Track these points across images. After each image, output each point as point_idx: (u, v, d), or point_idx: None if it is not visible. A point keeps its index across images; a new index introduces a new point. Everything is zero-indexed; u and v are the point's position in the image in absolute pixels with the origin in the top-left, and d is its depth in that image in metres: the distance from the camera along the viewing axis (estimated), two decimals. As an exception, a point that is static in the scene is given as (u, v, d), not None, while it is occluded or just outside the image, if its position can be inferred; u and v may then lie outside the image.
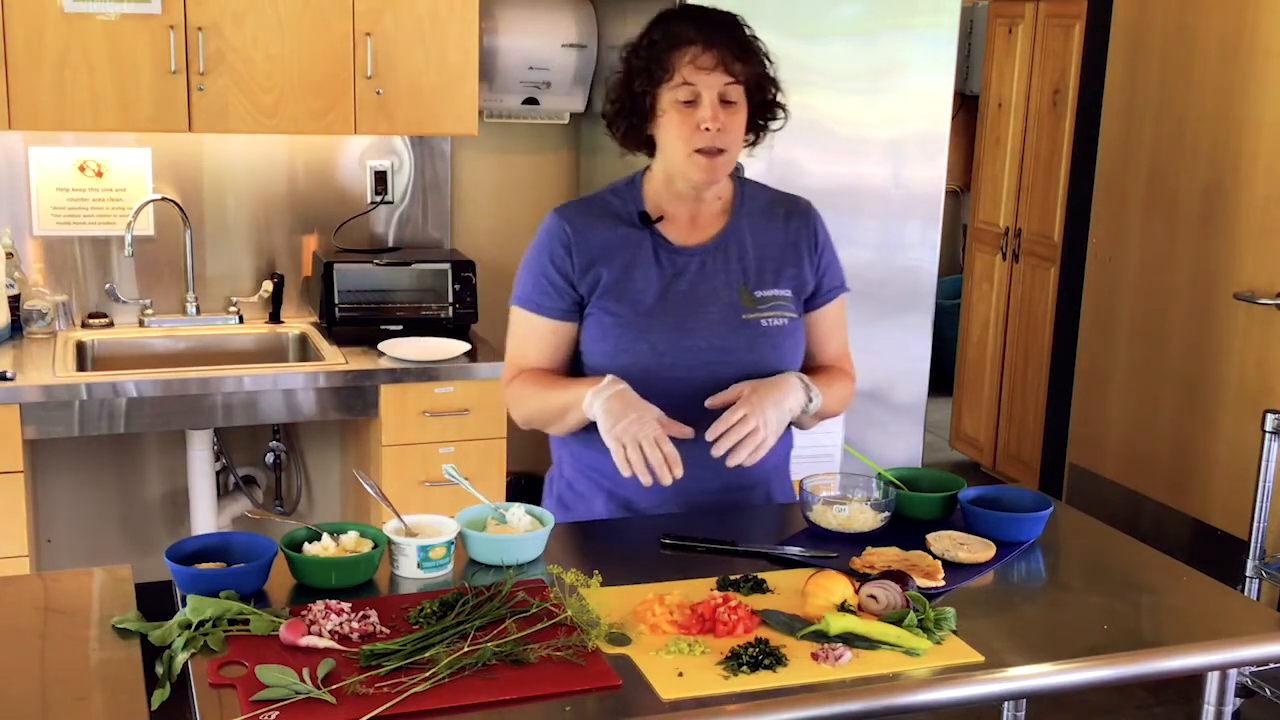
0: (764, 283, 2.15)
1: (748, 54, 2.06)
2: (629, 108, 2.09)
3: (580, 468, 2.20)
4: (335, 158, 3.84)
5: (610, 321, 2.10)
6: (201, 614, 1.61)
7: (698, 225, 2.16)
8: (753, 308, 2.13)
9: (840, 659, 1.59)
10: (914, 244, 3.71)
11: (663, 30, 2.07)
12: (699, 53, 2.01)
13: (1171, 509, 4.39)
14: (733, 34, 2.05)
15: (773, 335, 2.13)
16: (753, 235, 2.17)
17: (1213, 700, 1.84)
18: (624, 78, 2.10)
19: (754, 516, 2.11)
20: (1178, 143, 4.33)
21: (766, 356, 2.12)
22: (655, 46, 2.05)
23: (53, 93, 3.24)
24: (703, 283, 2.13)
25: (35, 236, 3.59)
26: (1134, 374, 4.56)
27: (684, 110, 2.03)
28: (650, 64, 2.05)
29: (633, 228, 2.14)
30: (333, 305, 3.58)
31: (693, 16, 2.07)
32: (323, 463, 4.02)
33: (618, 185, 2.20)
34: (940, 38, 3.62)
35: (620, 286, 2.11)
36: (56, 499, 3.73)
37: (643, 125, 2.10)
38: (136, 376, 3.20)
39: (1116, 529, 2.16)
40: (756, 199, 2.22)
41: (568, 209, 2.19)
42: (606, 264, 2.11)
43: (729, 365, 2.09)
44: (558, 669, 1.54)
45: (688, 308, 2.11)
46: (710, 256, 2.14)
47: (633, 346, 2.09)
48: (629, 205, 2.16)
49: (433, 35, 3.53)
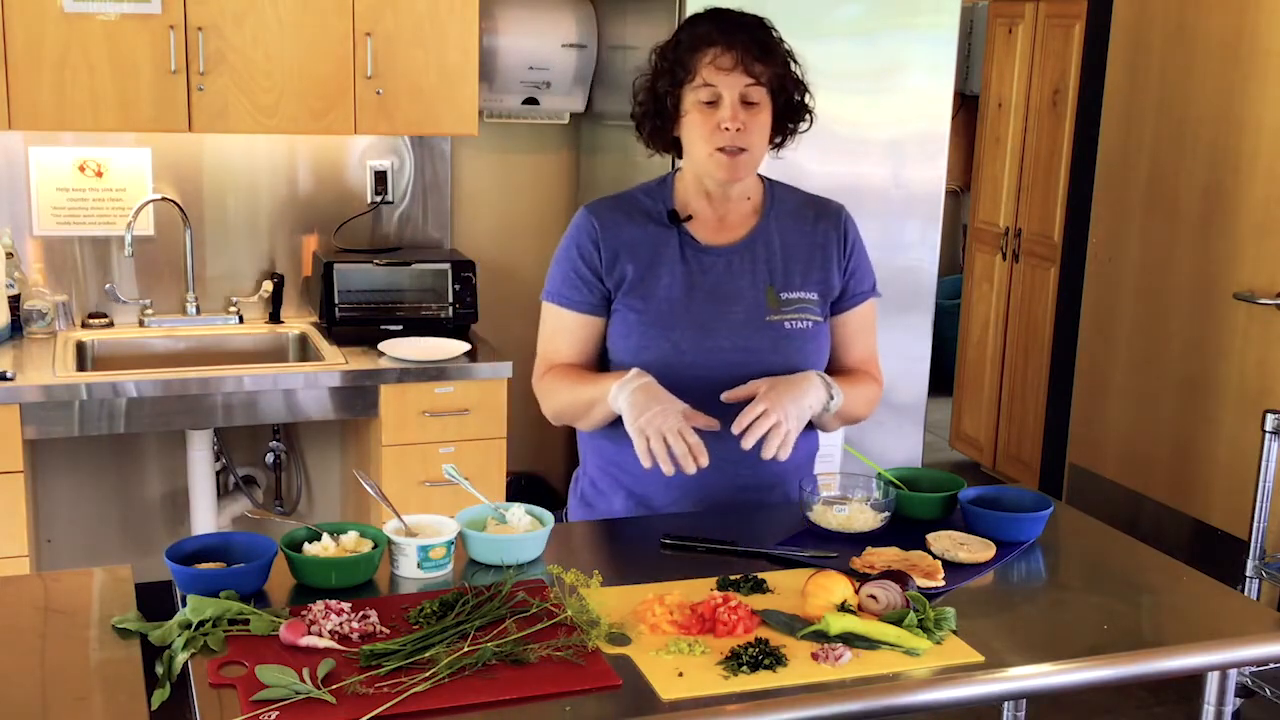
0: (790, 285, 2.16)
1: (769, 55, 2.06)
2: (654, 109, 2.12)
3: (603, 464, 2.21)
4: (335, 158, 3.84)
5: (634, 318, 2.12)
6: (201, 614, 1.61)
7: (726, 225, 2.17)
8: (777, 309, 2.14)
9: (840, 659, 1.59)
10: (914, 244, 3.71)
11: (688, 32, 2.09)
12: (719, 53, 2.03)
13: (1171, 509, 4.39)
14: (754, 35, 2.06)
15: (796, 338, 2.13)
16: (781, 237, 2.18)
17: (1213, 700, 1.84)
18: (650, 80, 2.12)
19: (754, 516, 2.11)
20: (1178, 143, 4.33)
21: (790, 359, 2.12)
22: (679, 48, 2.08)
23: (53, 93, 3.24)
24: (728, 282, 2.14)
25: (35, 236, 3.59)
26: (1134, 374, 4.56)
27: (705, 110, 2.05)
28: (674, 65, 2.07)
29: (661, 226, 2.15)
30: (333, 305, 3.58)
31: (716, 17, 2.08)
32: (323, 463, 4.02)
33: (649, 184, 2.22)
34: (940, 38, 3.62)
35: (645, 283, 2.12)
36: (56, 499, 3.73)
37: (667, 126, 2.12)
38: (136, 376, 3.20)
39: (1116, 529, 2.16)
40: (786, 201, 2.23)
41: (598, 205, 2.20)
42: (633, 260, 2.13)
43: (751, 365, 2.09)
44: (558, 669, 1.54)
45: (711, 307, 2.12)
46: (738, 256, 2.15)
47: (655, 344, 2.10)
48: (658, 203, 2.18)
49: (433, 35, 3.53)
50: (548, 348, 2.20)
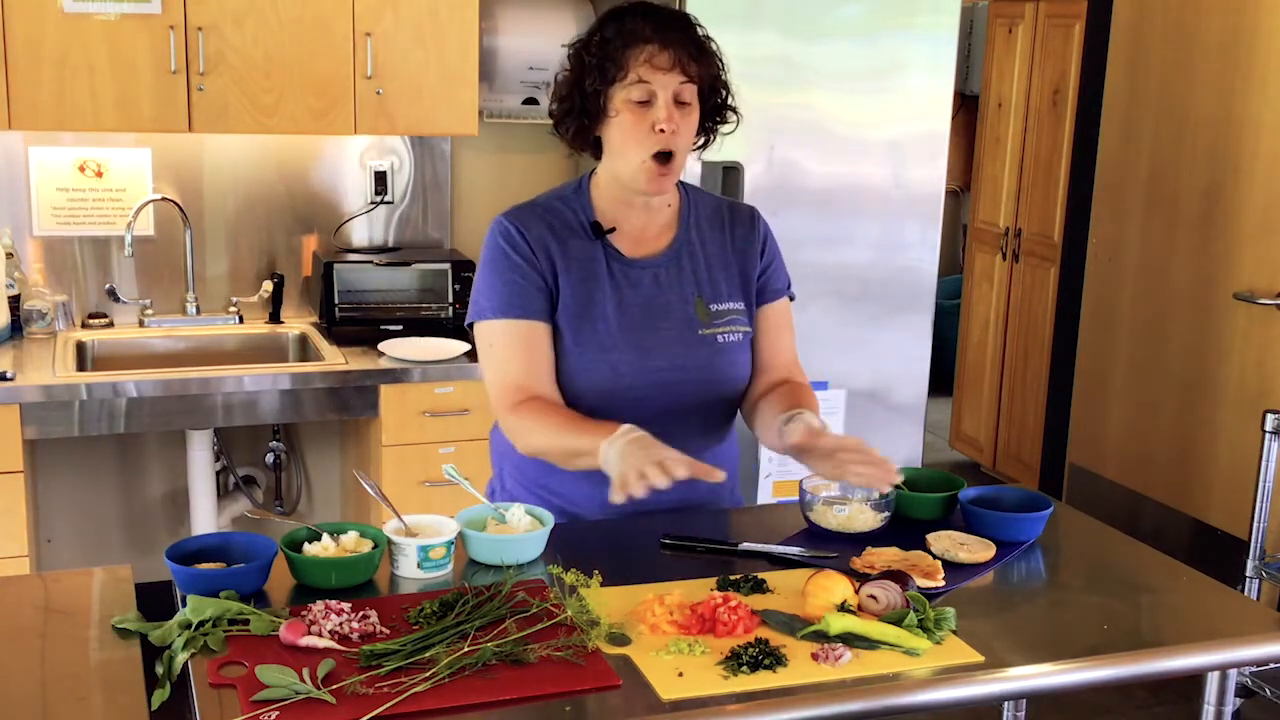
0: (718, 295, 2.11)
1: (704, 55, 2.01)
2: (579, 107, 2.02)
3: (525, 483, 2.14)
4: (335, 158, 3.84)
5: (569, 341, 2.04)
6: (201, 614, 1.61)
7: (648, 235, 2.11)
8: (708, 322, 2.09)
9: (840, 659, 1.59)
10: (914, 244, 3.71)
11: (616, 27, 1.99)
12: (655, 51, 1.96)
13: (1171, 509, 4.39)
14: (689, 34, 2.00)
15: (729, 350, 2.10)
16: (703, 245, 2.13)
17: (1213, 700, 1.84)
18: (574, 75, 2.02)
19: (754, 517, 2.11)
20: (1178, 143, 4.33)
21: (722, 372, 2.09)
22: (609, 44, 1.98)
23: (53, 93, 3.24)
24: (658, 297, 2.08)
25: (35, 236, 3.59)
26: (1134, 374, 4.56)
27: (637, 111, 1.97)
28: (603, 61, 1.97)
29: (584, 239, 2.07)
30: (333, 305, 3.58)
31: (647, 14, 2.00)
32: (323, 463, 4.02)
33: (564, 192, 2.13)
34: (940, 38, 3.62)
35: (578, 303, 2.04)
36: (56, 499, 3.73)
37: (593, 126, 2.03)
38: (136, 376, 3.20)
39: (1116, 529, 2.16)
40: (702, 206, 2.17)
41: (520, 214, 2.10)
42: (565, 276, 2.05)
43: (687, 383, 2.06)
44: (558, 669, 1.54)
45: (644, 325, 2.06)
46: (664, 269, 2.09)
47: (592, 368, 2.04)
48: (578, 214, 2.09)
49: (433, 35, 3.53)
50: (507, 373, 2.03)
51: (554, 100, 2.07)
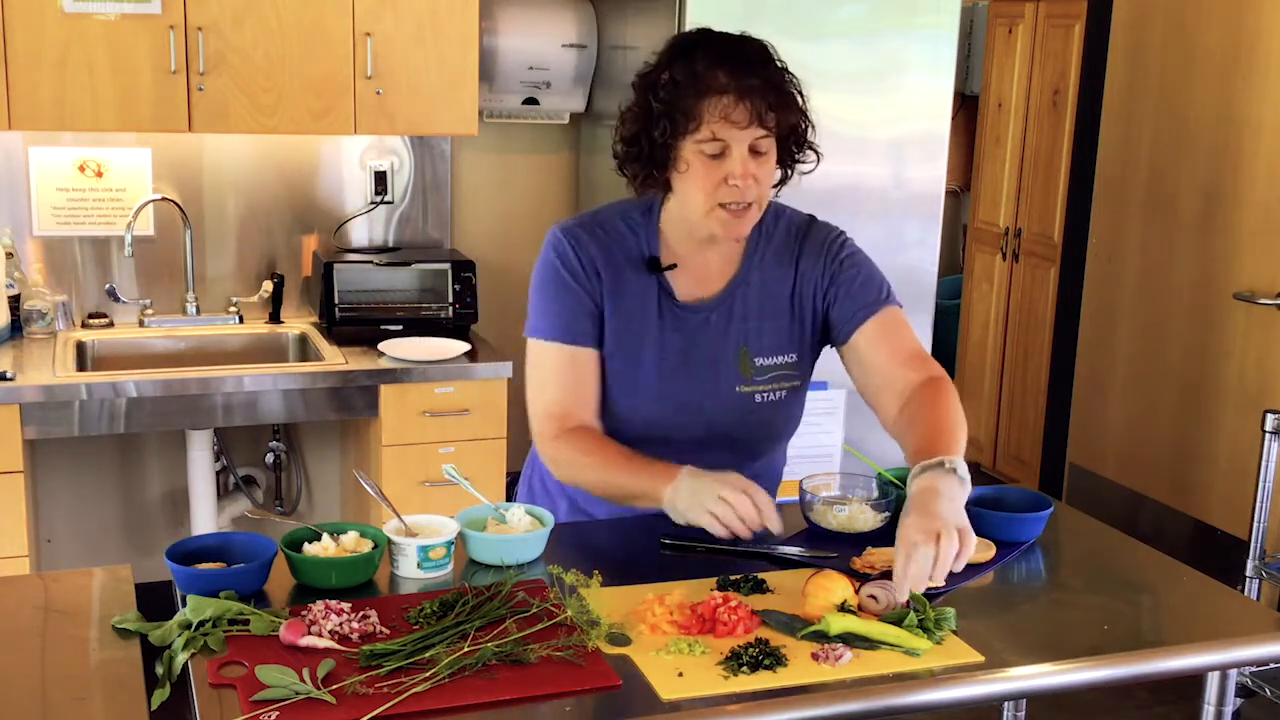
0: (763, 349, 2.02)
1: (783, 101, 1.87)
2: (647, 154, 1.89)
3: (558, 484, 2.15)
4: (335, 158, 3.84)
5: (608, 378, 2.01)
6: (201, 614, 1.61)
7: (709, 273, 2.01)
8: (749, 379, 2.02)
9: (840, 659, 1.58)
10: (914, 244, 3.71)
11: (686, 71, 1.84)
12: (731, 105, 1.82)
13: (1171, 509, 4.39)
14: (768, 78, 1.85)
15: (764, 410, 2.04)
16: (762, 286, 2.02)
17: (1213, 700, 1.84)
18: (641, 121, 1.88)
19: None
20: (1178, 143, 4.33)
21: (752, 431, 2.06)
22: (679, 90, 1.84)
23: (53, 93, 3.24)
24: (703, 346, 2.01)
25: (35, 236, 3.59)
26: (1134, 374, 4.56)
27: (709, 164, 1.85)
28: (673, 111, 1.84)
29: (640, 271, 1.99)
30: (333, 305, 3.58)
31: (720, 54, 1.85)
32: (323, 463, 4.02)
33: (633, 211, 2.02)
34: (940, 38, 3.62)
35: (623, 342, 1.99)
36: (56, 499, 3.73)
37: (661, 174, 1.91)
38: (136, 376, 3.20)
39: (1116, 529, 2.16)
40: (775, 238, 2.04)
41: (575, 231, 2.00)
42: (617, 308, 1.98)
43: (714, 432, 2.03)
44: (558, 669, 1.54)
45: (683, 375, 2.00)
46: (714, 314, 2.01)
47: (623, 401, 2.02)
48: (641, 243, 2.00)
49: (433, 35, 3.53)
50: (549, 400, 1.99)
51: (619, 141, 1.94)
